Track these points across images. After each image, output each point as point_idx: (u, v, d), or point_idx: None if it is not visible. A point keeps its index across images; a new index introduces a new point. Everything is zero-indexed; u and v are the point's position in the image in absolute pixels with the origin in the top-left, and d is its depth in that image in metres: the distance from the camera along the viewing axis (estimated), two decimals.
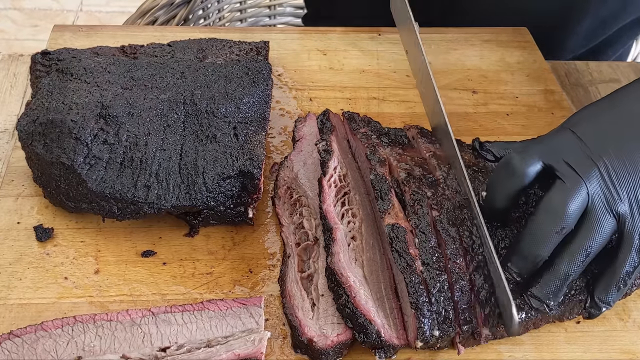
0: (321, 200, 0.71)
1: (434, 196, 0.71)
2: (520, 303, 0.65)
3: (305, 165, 0.79)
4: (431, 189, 0.71)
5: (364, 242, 0.69)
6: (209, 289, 0.70)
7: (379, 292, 0.66)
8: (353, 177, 0.76)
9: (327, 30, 1.06)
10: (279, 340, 0.66)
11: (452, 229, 0.68)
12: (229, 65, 0.85)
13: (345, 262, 0.66)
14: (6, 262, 0.71)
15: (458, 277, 0.65)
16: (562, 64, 1.06)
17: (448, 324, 0.63)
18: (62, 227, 0.75)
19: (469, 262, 0.66)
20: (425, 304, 0.63)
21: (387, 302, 0.66)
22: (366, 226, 0.71)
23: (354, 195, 0.74)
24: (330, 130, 0.79)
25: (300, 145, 0.82)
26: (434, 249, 0.66)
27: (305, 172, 0.78)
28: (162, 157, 0.73)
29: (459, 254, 0.66)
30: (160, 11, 1.14)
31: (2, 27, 2.58)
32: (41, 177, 0.75)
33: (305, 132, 0.84)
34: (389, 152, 0.76)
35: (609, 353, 0.68)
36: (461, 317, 0.63)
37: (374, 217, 0.72)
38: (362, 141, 0.77)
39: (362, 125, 0.81)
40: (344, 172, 0.75)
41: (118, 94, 0.77)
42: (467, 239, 0.67)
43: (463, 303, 0.64)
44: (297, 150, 0.81)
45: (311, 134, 0.83)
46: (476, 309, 0.64)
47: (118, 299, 0.68)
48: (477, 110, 0.94)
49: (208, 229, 0.76)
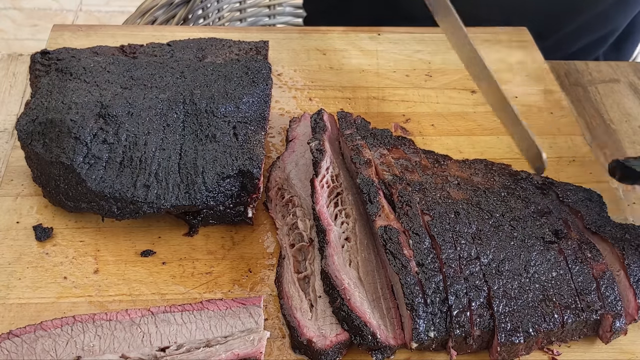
0: (314, 201, 0.71)
1: (423, 199, 0.71)
2: None
3: (297, 166, 0.79)
4: (420, 192, 0.72)
5: (358, 243, 0.69)
6: (209, 289, 0.70)
7: (375, 293, 0.66)
8: (345, 177, 0.76)
9: (327, 30, 1.06)
10: (278, 340, 0.66)
11: (446, 234, 0.67)
12: (228, 65, 0.85)
13: (339, 265, 0.66)
14: (5, 261, 0.71)
15: (453, 281, 0.64)
16: (562, 64, 1.06)
17: (443, 326, 0.63)
18: (61, 226, 0.75)
19: (464, 267, 0.66)
20: (421, 305, 0.63)
21: (384, 302, 0.66)
22: (360, 226, 0.71)
23: (346, 195, 0.74)
24: (323, 130, 0.79)
25: (293, 145, 0.82)
26: (428, 249, 0.66)
27: (297, 173, 0.78)
28: (162, 156, 0.73)
29: (454, 258, 0.66)
30: (159, 11, 1.14)
31: (2, 26, 2.58)
32: (40, 176, 0.75)
33: (298, 132, 0.84)
34: (374, 154, 0.76)
35: (609, 353, 0.68)
36: (455, 320, 0.63)
37: (367, 217, 0.71)
38: (347, 143, 0.77)
39: (350, 126, 0.80)
40: (337, 172, 0.75)
41: (117, 94, 0.77)
42: (462, 245, 0.67)
43: (457, 307, 0.64)
44: (290, 151, 0.81)
45: (304, 134, 0.83)
46: (470, 312, 0.64)
47: (117, 299, 0.68)
48: (476, 110, 0.94)
49: (207, 228, 0.76)
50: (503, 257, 0.68)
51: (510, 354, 0.65)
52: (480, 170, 0.79)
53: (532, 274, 0.67)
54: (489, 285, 0.65)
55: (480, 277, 0.66)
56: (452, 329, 0.63)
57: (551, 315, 0.65)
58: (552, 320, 0.65)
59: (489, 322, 0.64)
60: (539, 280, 0.67)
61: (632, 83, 1.03)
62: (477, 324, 0.64)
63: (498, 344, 0.63)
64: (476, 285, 0.65)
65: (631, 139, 0.93)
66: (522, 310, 0.65)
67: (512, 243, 0.69)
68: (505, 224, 0.70)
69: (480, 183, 0.76)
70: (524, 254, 0.68)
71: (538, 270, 0.67)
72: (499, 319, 0.64)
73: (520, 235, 0.70)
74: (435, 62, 1.02)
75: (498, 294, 0.65)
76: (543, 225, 0.71)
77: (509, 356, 0.65)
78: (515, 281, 0.66)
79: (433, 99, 0.96)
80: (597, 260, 0.68)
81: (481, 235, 0.69)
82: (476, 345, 0.65)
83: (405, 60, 1.01)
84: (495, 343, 0.64)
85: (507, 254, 0.68)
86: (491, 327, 0.64)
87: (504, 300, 0.65)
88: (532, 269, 0.67)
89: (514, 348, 0.64)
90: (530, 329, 0.64)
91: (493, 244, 0.68)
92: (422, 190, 0.72)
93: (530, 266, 0.67)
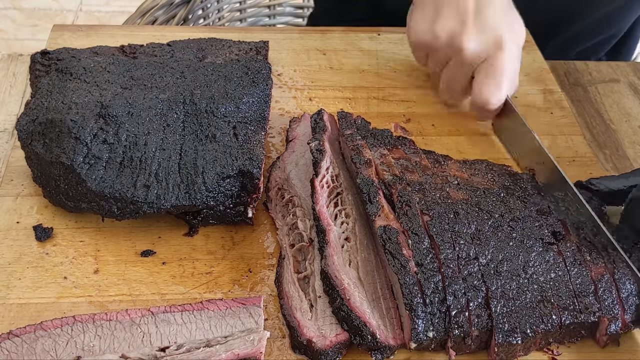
0: (314, 201, 0.71)
1: (423, 199, 0.70)
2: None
3: (297, 166, 0.79)
4: (419, 192, 0.71)
5: (358, 243, 0.69)
6: (208, 289, 0.70)
7: (374, 293, 0.66)
8: (345, 176, 0.76)
9: (327, 30, 1.06)
10: (278, 340, 0.66)
11: (445, 234, 0.67)
12: (228, 65, 0.85)
13: (339, 265, 0.66)
14: (5, 261, 0.71)
15: (451, 281, 0.65)
16: (562, 64, 1.06)
17: (442, 326, 0.63)
18: (61, 226, 0.75)
19: (462, 267, 0.66)
20: (420, 305, 0.63)
21: (384, 302, 0.66)
22: (360, 226, 0.71)
23: (346, 195, 0.74)
24: (323, 130, 0.79)
25: (293, 145, 0.82)
26: (427, 249, 0.66)
27: (297, 173, 0.78)
28: (162, 156, 0.73)
29: (452, 259, 0.66)
30: (159, 11, 1.14)
31: (2, 26, 2.58)
32: (40, 176, 0.75)
33: (298, 132, 0.84)
34: (374, 154, 0.76)
35: (609, 353, 0.68)
36: (454, 320, 0.63)
37: (367, 217, 0.71)
38: (348, 143, 0.77)
39: (350, 126, 0.81)
40: (337, 172, 0.75)
41: (117, 94, 0.77)
42: (461, 245, 0.67)
43: (455, 307, 0.64)
44: (290, 151, 0.81)
45: (304, 135, 0.83)
46: (469, 312, 0.64)
47: (117, 299, 0.68)
48: None
49: (207, 228, 0.76)
50: (502, 258, 0.68)
51: (509, 355, 0.65)
52: (480, 170, 0.79)
53: (530, 274, 0.67)
54: (487, 286, 0.65)
55: (478, 277, 0.66)
56: (451, 329, 0.63)
57: (549, 316, 0.65)
58: (550, 321, 0.65)
59: (487, 322, 0.64)
60: (537, 281, 0.67)
61: (632, 83, 1.03)
62: (476, 324, 0.64)
63: (496, 344, 0.63)
64: (474, 286, 0.65)
65: (631, 139, 0.93)
66: (520, 310, 0.65)
67: (510, 244, 0.69)
68: (504, 225, 0.70)
69: (480, 183, 0.76)
70: (522, 255, 0.68)
71: (536, 271, 0.67)
72: (496, 320, 0.64)
73: (519, 236, 0.70)
74: None
75: (496, 295, 0.65)
76: (542, 226, 0.71)
77: (507, 357, 0.65)
78: (513, 282, 0.66)
79: (433, 99, 0.96)
80: (595, 263, 0.68)
81: (480, 236, 0.69)
82: (475, 345, 0.65)
83: (405, 60, 1.01)
84: (493, 344, 0.64)
85: (506, 255, 0.68)
86: (489, 327, 0.64)
87: (502, 300, 0.65)
88: (530, 269, 0.67)
89: (512, 349, 0.64)
90: (528, 329, 0.64)
91: (492, 244, 0.68)
92: (421, 190, 0.72)
93: (528, 267, 0.67)
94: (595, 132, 0.94)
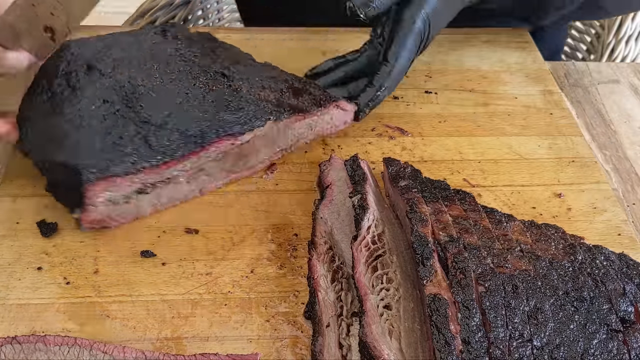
0: (353, 267, 0.65)
1: (480, 267, 0.63)
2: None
3: (339, 217, 0.73)
4: (477, 258, 0.64)
5: (402, 310, 0.63)
6: (208, 290, 0.70)
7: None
8: (391, 233, 0.69)
9: (327, 30, 1.06)
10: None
11: (499, 309, 0.60)
12: None
13: (377, 334, 0.60)
14: (5, 262, 0.71)
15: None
16: (562, 65, 1.06)
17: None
18: (61, 226, 0.75)
19: (513, 349, 0.59)
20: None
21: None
22: (405, 290, 0.64)
23: (390, 256, 0.67)
24: (363, 180, 0.72)
25: (331, 193, 0.76)
26: (477, 326, 0.59)
27: (340, 226, 0.72)
28: None
29: (504, 339, 0.59)
30: (159, 11, 1.14)
31: None
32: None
33: (333, 177, 0.77)
34: (430, 210, 0.69)
35: None
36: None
37: (416, 279, 0.64)
38: (402, 196, 0.70)
39: (401, 174, 0.74)
40: (380, 231, 0.68)
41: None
42: (515, 324, 0.60)
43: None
44: (328, 199, 0.75)
45: (340, 180, 0.77)
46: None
47: (117, 299, 0.68)
48: (476, 111, 0.94)
49: (207, 228, 0.76)
50: (559, 342, 0.60)
51: None
52: (548, 236, 0.70)
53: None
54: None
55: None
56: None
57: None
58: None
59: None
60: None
61: (632, 84, 1.03)
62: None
63: None
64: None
65: (631, 139, 0.93)
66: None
67: (571, 327, 0.61)
68: (567, 304, 0.62)
69: (546, 251, 0.68)
70: (583, 341, 0.60)
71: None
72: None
73: (582, 319, 0.61)
74: (435, 62, 1.02)
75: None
76: (610, 310, 0.62)
77: None
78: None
79: (433, 99, 0.96)
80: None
81: (538, 315, 0.61)
82: None
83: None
84: None
85: (564, 339, 0.60)
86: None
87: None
88: (589, 358, 0.59)
89: None
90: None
91: (550, 326, 0.60)
92: (479, 255, 0.65)
93: (587, 355, 0.59)
94: (595, 133, 0.94)
